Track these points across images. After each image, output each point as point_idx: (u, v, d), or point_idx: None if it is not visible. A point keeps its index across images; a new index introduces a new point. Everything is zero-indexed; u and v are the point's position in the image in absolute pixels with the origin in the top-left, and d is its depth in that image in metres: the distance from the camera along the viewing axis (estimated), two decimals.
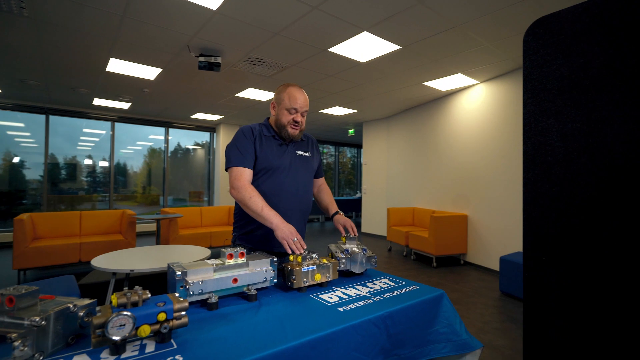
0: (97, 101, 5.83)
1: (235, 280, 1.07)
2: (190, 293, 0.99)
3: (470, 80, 4.54)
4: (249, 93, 5.20)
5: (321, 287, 1.25)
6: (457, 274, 4.24)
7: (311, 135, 1.71)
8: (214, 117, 7.26)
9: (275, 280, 1.18)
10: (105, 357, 0.72)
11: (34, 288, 0.77)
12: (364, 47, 3.40)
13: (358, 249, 1.43)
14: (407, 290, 1.25)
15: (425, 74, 4.27)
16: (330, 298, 1.14)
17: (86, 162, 7.17)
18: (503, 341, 2.39)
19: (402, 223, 5.76)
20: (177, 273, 0.99)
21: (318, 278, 1.22)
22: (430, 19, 2.82)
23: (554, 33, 1.33)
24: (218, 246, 5.35)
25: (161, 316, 0.78)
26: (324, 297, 1.14)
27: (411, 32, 3.07)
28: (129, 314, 0.72)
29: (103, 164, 7.23)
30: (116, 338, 0.70)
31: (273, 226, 1.31)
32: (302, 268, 1.19)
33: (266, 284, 1.16)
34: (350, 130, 8.77)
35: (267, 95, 5.27)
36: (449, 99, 5.30)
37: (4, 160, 6.23)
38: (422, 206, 5.87)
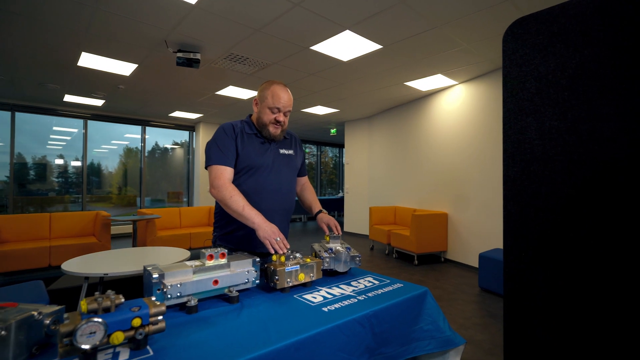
0: (68, 98, 5.56)
1: (216, 282, 1.03)
2: (168, 296, 0.94)
3: (449, 81, 4.64)
4: (229, 91, 5.10)
5: (305, 287, 1.22)
6: (438, 272, 4.32)
7: (294, 133, 1.68)
8: (193, 116, 7.08)
9: (257, 281, 1.14)
10: None
11: None
12: (346, 46, 3.40)
13: (342, 247, 1.41)
14: (392, 288, 1.24)
15: (406, 74, 4.32)
16: (315, 298, 1.12)
17: (57, 162, 6.82)
18: (483, 336, 2.44)
19: (384, 222, 5.82)
20: (154, 275, 0.94)
21: (302, 278, 1.19)
22: (411, 18, 2.84)
23: (532, 33, 1.36)
24: (198, 247, 5.22)
25: (136, 322, 0.73)
26: (308, 297, 1.12)
27: (393, 32, 3.09)
28: (100, 321, 0.67)
29: (75, 164, 6.90)
30: (85, 347, 0.65)
31: (255, 226, 1.27)
32: (286, 268, 1.16)
33: (248, 285, 1.12)
34: (332, 130, 8.78)
35: (248, 93, 5.19)
36: (429, 99, 5.39)
37: None
38: (404, 205, 5.95)
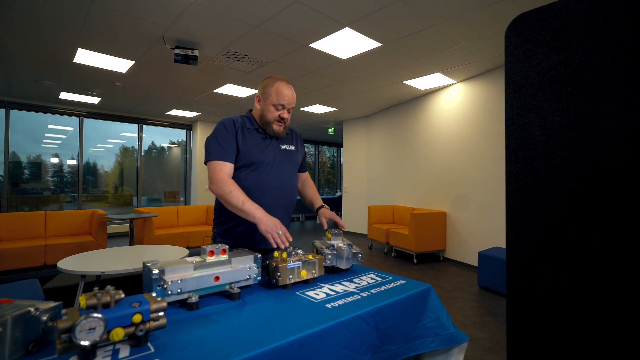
0: (64, 95, 5.50)
1: (217, 278, 1.01)
2: (169, 293, 0.92)
3: (448, 80, 4.63)
4: (227, 89, 5.07)
5: (307, 284, 1.20)
6: (437, 270, 4.32)
7: (295, 128, 1.67)
8: (190, 114, 7.04)
9: (259, 277, 1.13)
10: None
11: None
12: (346, 44, 3.38)
13: (344, 244, 1.40)
14: (395, 285, 1.23)
15: (405, 73, 4.31)
16: (317, 295, 1.10)
17: (52, 161, 6.74)
18: (483, 334, 2.44)
19: (383, 221, 5.81)
20: (154, 272, 0.92)
21: (304, 274, 1.18)
22: (411, 16, 2.83)
23: (535, 29, 1.35)
24: (196, 246, 5.18)
25: (136, 318, 0.71)
26: (310, 294, 1.10)
27: (392, 30, 3.08)
28: (100, 316, 0.65)
29: (71, 163, 6.83)
30: (85, 343, 0.63)
31: (256, 220, 1.25)
32: (288, 264, 1.14)
33: (250, 282, 1.11)
34: (331, 129, 8.76)
35: (247, 91, 5.16)
36: (427, 98, 5.39)
37: None
38: (402, 204, 5.94)
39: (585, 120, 1.14)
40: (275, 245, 1.21)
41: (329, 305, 1.00)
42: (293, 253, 1.19)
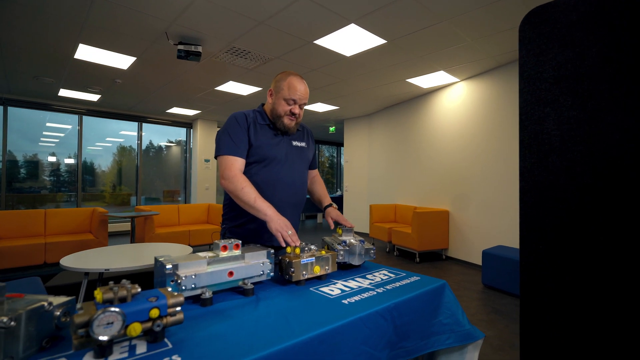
0: (64, 92, 5.45)
1: (231, 273, 0.99)
2: (182, 288, 0.89)
3: (451, 78, 4.62)
4: (229, 87, 5.04)
5: (320, 280, 1.18)
6: (440, 269, 4.31)
7: (306, 125, 1.64)
8: (191, 112, 7.00)
9: (272, 273, 1.10)
10: None
11: None
12: (350, 40, 3.36)
13: (355, 240, 1.38)
14: (409, 281, 1.21)
15: (409, 70, 4.29)
16: (332, 291, 1.08)
17: (49, 160, 6.67)
18: (490, 332, 2.42)
19: (385, 220, 5.79)
20: (167, 266, 0.90)
21: (317, 270, 1.15)
22: (418, 12, 2.81)
23: (550, 22, 1.32)
24: (197, 245, 5.15)
25: (154, 312, 0.69)
26: (324, 290, 1.08)
27: (398, 26, 3.06)
28: (118, 310, 0.62)
29: (68, 162, 6.77)
30: (103, 338, 0.60)
31: (267, 218, 1.23)
32: (301, 260, 1.12)
33: (263, 278, 1.08)
34: (331, 128, 8.73)
35: (248, 89, 5.13)
36: (430, 97, 5.37)
37: None
38: (404, 203, 5.92)
39: (602, 115, 1.12)
40: (284, 245, 1.19)
41: (345, 301, 0.98)
42: (306, 249, 1.17)
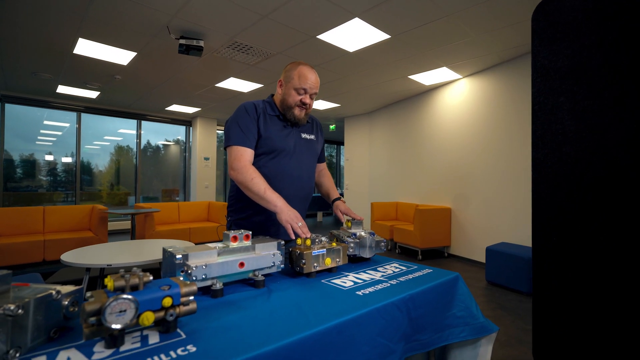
0: (62, 89, 5.39)
1: (242, 264, 0.96)
2: (193, 278, 0.87)
3: (454, 75, 4.59)
4: (230, 83, 5.00)
5: (330, 273, 1.16)
6: (443, 266, 4.29)
7: (316, 117, 1.62)
8: (190, 110, 6.95)
9: (282, 265, 1.07)
10: (100, 351, 0.59)
11: (5, 272, 0.63)
12: (354, 35, 3.33)
13: (365, 233, 1.35)
14: (422, 273, 1.19)
15: (412, 67, 4.27)
16: (344, 283, 1.05)
17: (46, 159, 6.60)
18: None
19: (386, 217, 5.77)
20: (177, 256, 0.87)
21: (328, 262, 1.13)
22: (423, 6, 2.78)
23: (564, 10, 1.29)
24: (198, 243, 5.11)
25: (167, 301, 0.66)
26: (337, 282, 1.05)
27: (403, 20, 3.03)
28: (132, 298, 0.59)
29: (66, 160, 6.70)
30: (116, 326, 0.57)
31: (277, 209, 1.21)
32: (312, 252, 1.09)
33: (273, 269, 1.05)
34: (332, 126, 8.70)
35: (249, 85, 5.09)
36: (431, 94, 5.35)
37: None
38: (405, 200, 5.91)
39: (619, 105, 1.09)
40: (293, 237, 1.17)
41: (359, 293, 0.95)
42: (317, 240, 1.14)
